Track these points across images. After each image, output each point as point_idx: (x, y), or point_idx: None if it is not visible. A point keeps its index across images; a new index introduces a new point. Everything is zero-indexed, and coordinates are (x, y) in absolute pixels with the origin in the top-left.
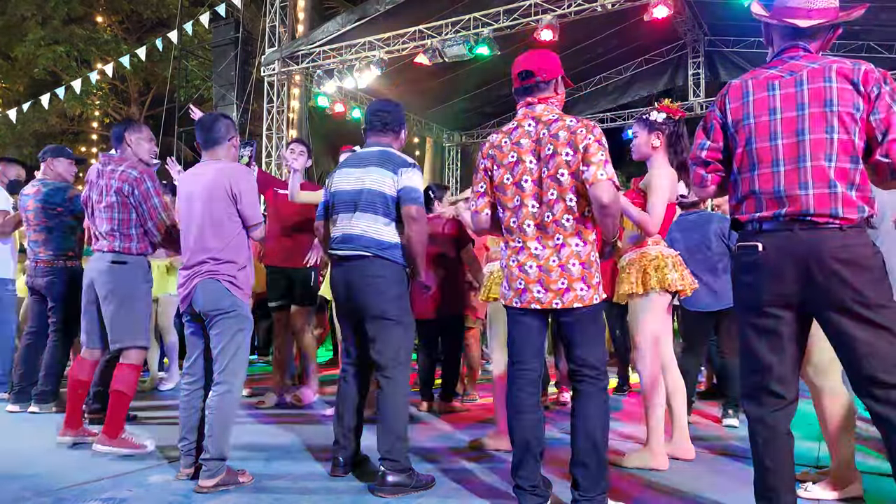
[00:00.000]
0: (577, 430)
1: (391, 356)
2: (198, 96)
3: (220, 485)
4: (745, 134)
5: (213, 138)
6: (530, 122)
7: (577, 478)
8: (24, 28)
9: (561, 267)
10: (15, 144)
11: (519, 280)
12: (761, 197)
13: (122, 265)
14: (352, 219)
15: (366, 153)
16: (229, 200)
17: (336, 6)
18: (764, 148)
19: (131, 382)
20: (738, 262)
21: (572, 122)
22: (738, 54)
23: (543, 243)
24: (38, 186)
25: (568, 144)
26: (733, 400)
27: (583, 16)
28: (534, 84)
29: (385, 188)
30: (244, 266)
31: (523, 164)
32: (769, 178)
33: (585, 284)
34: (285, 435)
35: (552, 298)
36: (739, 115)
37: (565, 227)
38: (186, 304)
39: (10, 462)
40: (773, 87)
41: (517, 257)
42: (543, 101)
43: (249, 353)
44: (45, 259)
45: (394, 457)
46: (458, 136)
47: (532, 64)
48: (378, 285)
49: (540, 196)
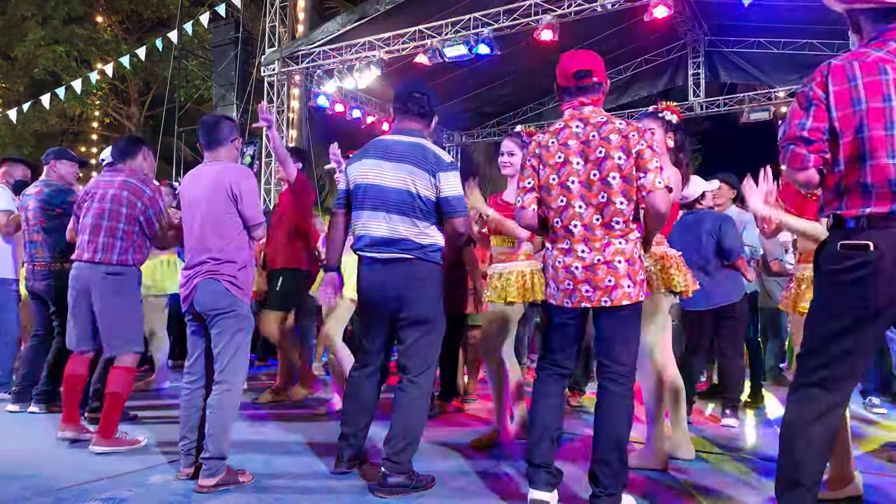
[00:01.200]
0: (602, 428)
1: (420, 361)
2: (198, 96)
3: (220, 484)
4: (855, 120)
5: (216, 139)
6: (578, 123)
7: (599, 475)
8: (24, 28)
9: (607, 264)
10: (15, 144)
11: (567, 281)
12: (873, 190)
13: (117, 277)
14: (389, 221)
15: (397, 143)
16: (230, 200)
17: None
18: (879, 137)
19: (126, 384)
20: (841, 262)
21: (622, 125)
22: (738, 54)
23: (590, 245)
24: (40, 187)
25: (621, 148)
26: (732, 400)
27: (583, 16)
28: (590, 84)
29: (422, 189)
30: (244, 266)
31: (570, 166)
32: (884, 170)
33: (632, 281)
34: (286, 434)
35: (601, 296)
36: (846, 98)
37: (613, 229)
38: (188, 304)
39: (10, 462)
40: (886, 70)
41: (564, 259)
42: (594, 103)
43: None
44: (42, 261)
45: (398, 459)
46: (458, 136)
47: (590, 63)
48: (420, 289)
49: (587, 198)
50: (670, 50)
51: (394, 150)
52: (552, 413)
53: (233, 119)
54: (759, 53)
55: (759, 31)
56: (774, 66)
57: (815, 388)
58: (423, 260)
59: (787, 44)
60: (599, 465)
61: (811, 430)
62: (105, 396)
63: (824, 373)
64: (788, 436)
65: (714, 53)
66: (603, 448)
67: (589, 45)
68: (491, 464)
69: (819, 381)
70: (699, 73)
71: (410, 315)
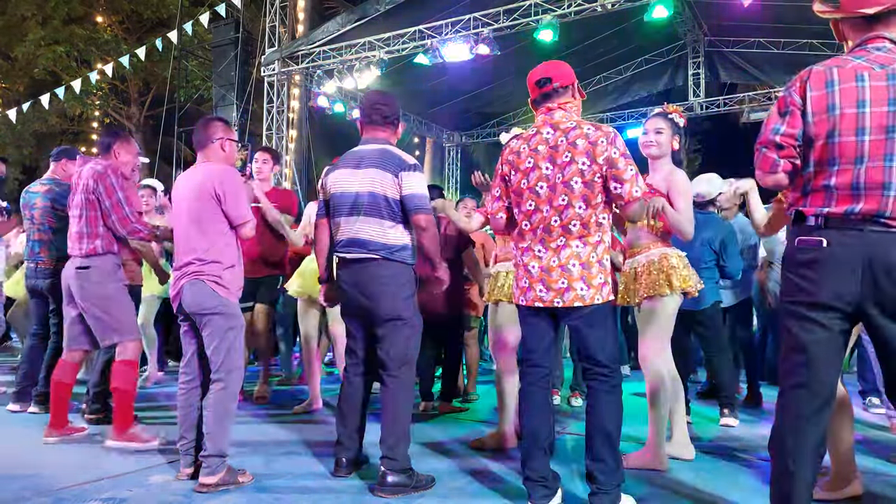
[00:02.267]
0: (593, 426)
1: (399, 356)
2: (198, 96)
3: (220, 483)
4: (828, 125)
5: (202, 139)
6: (548, 129)
7: (594, 472)
8: (24, 28)
9: (561, 268)
10: (15, 144)
11: (524, 279)
12: (834, 192)
13: (86, 270)
14: (356, 223)
15: (365, 151)
16: (214, 201)
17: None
18: (848, 143)
19: (129, 378)
20: (795, 257)
21: (590, 130)
22: (738, 54)
23: (546, 245)
24: (49, 186)
25: (586, 154)
26: (729, 400)
27: (583, 16)
28: (552, 90)
29: (387, 191)
30: (231, 265)
31: (539, 170)
32: (849, 174)
33: (586, 284)
34: (286, 434)
35: (553, 297)
36: (823, 104)
37: (571, 232)
38: (177, 305)
39: (11, 462)
40: (862, 77)
41: (523, 258)
42: (563, 107)
43: None
44: (46, 260)
45: (395, 456)
46: (458, 136)
47: (548, 71)
48: (389, 287)
49: (552, 200)
50: (670, 50)
51: (363, 157)
52: (541, 422)
53: (223, 119)
54: (759, 53)
55: (759, 31)
56: (774, 66)
57: (797, 389)
58: (389, 259)
59: (787, 44)
60: (594, 464)
61: (800, 433)
62: (111, 393)
63: (801, 372)
64: (778, 441)
65: (714, 53)
66: (596, 446)
67: (589, 45)
68: (490, 464)
69: (799, 383)
70: (699, 73)
71: (381, 313)
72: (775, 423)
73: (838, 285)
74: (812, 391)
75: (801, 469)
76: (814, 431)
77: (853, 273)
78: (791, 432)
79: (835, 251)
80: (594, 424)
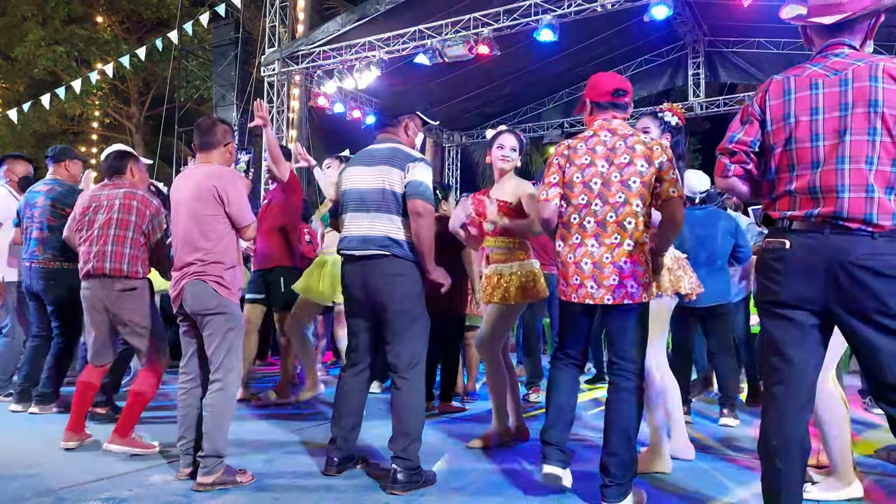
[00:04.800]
0: (612, 422)
1: (408, 357)
2: (198, 96)
3: (217, 483)
4: (784, 133)
5: (209, 142)
6: (607, 133)
7: (609, 466)
8: (25, 28)
9: (613, 264)
10: (15, 144)
11: (575, 276)
12: (797, 196)
13: (133, 291)
14: (367, 219)
15: (376, 150)
16: (216, 202)
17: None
18: (804, 149)
19: (151, 386)
20: (763, 258)
21: (647, 139)
22: (738, 54)
23: (600, 241)
24: (51, 185)
25: (644, 157)
26: (730, 399)
27: (583, 16)
28: (624, 103)
29: (395, 187)
30: (232, 266)
31: (595, 167)
32: (806, 178)
33: (636, 282)
34: (286, 433)
35: (604, 294)
36: (780, 113)
37: (625, 229)
38: (178, 305)
39: (10, 462)
40: (817, 85)
41: (574, 254)
42: (622, 119)
43: None
44: (42, 259)
45: (407, 456)
46: (458, 136)
47: (625, 85)
48: (398, 284)
49: (606, 196)
50: (670, 50)
51: (374, 155)
52: (567, 397)
53: (228, 123)
54: (759, 53)
55: (759, 31)
56: (774, 67)
57: (776, 387)
58: (399, 257)
59: (787, 44)
60: (609, 457)
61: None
62: (129, 395)
63: (779, 370)
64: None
65: (714, 53)
66: (613, 441)
67: (589, 45)
68: (490, 463)
69: (777, 381)
70: (699, 73)
71: (391, 312)
72: (761, 424)
73: (801, 287)
74: (790, 389)
75: (788, 467)
76: (796, 429)
77: (815, 275)
78: (775, 432)
79: (796, 253)
80: (614, 420)
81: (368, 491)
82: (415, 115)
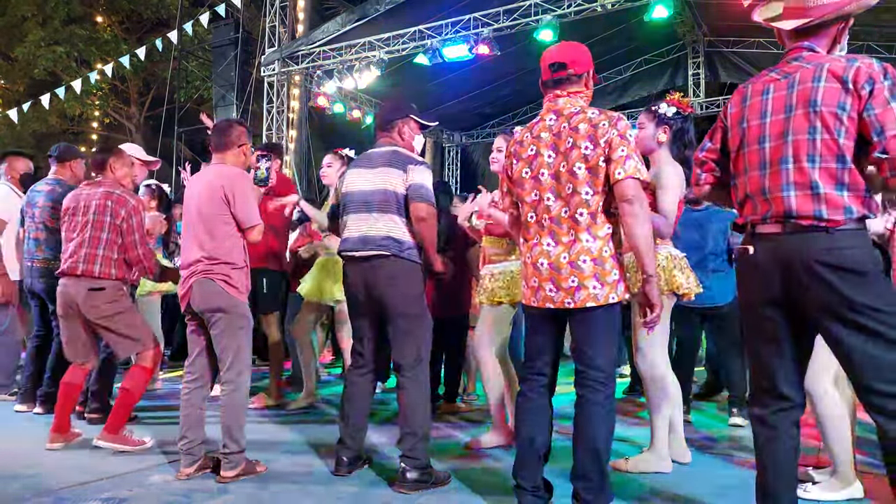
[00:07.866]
0: (579, 438)
1: (412, 356)
2: (198, 97)
3: (241, 474)
4: (739, 138)
5: (223, 142)
6: (552, 115)
7: (579, 490)
8: (25, 28)
9: (571, 264)
10: (15, 144)
11: (533, 279)
12: (754, 199)
13: (101, 291)
14: (369, 220)
15: (376, 153)
16: (223, 202)
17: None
18: (753, 151)
19: (140, 383)
20: (737, 264)
21: (594, 114)
22: (738, 54)
23: (557, 239)
24: (52, 185)
25: (588, 138)
26: (737, 399)
27: (583, 16)
28: (565, 77)
29: (397, 187)
30: (240, 266)
31: (541, 158)
32: (757, 181)
33: (598, 282)
34: (286, 434)
35: (564, 297)
36: (737, 119)
37: (578, 222)
38: (185, 304)
39: (11, 462)
40: (768, 90)
41: (531, 254)
42: (572, 95)
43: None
44: (41, 259)
45: (415, 455)
46: (458, 136)
47: (565, 55)
48: (400, 285)
49: (556, 190)
50: (670, 50)
51: (374, 158)
52: (538, 429)
53: (245, 124)
54: (759, 53)
55: (759, 31)
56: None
57: (759, 391)
58: (399, 258)
59: None
60: (578, 480)
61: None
62: (118, 392)
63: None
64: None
65: (714, 53)
66: (584, 463)
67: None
68: (489, 463)
69: (759, 386)
70: (699, 73)
71: (393, 312)
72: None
73: (765, 290)
74: (770, 392)
75: (779, 465)
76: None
77: (776, 276)
78: (762, 435)
79: (758, 257)
80: (582, 438)
81: (369, 490)
82: (408, 119)
